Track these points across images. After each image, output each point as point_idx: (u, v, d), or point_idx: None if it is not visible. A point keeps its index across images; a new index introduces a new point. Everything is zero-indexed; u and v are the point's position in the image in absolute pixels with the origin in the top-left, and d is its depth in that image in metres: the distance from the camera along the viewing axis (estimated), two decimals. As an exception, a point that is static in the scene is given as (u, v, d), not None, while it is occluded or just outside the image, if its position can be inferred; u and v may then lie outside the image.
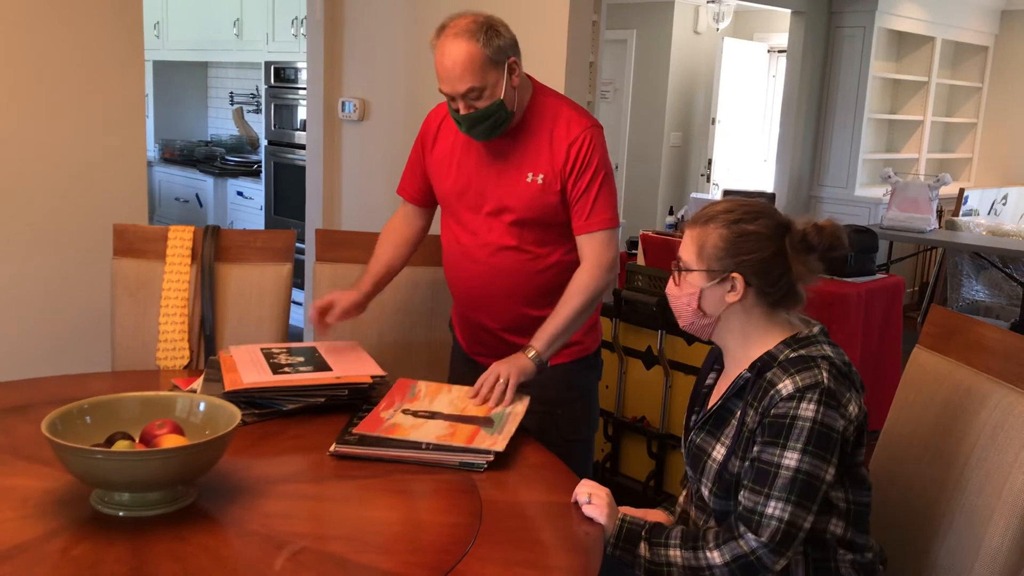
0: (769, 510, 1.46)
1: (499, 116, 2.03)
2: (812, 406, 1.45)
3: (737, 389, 1.58)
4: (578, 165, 2.08)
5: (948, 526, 1.65)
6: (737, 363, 1.61)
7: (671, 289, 1.63)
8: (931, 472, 1.72)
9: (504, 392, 1.96)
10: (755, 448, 1.50)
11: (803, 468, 1.45)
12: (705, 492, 1.61)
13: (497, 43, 1.99)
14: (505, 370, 1.98)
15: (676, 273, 1.62)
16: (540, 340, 2.05)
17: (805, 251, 1.54)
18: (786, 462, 1.45)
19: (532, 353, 2.03)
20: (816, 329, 1.58)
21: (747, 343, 1.59)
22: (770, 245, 1.53)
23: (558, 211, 2.12)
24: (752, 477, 1.49)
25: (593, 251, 2.11)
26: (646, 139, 7.73)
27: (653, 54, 7.64)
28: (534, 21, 3.42)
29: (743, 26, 8.02)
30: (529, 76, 2.14)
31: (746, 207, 1.57)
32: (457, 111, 2.03)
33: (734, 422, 1.57)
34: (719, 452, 1.58)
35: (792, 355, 1.52)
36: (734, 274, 1.54)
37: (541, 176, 2.09)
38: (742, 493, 1.50)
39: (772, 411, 1.48)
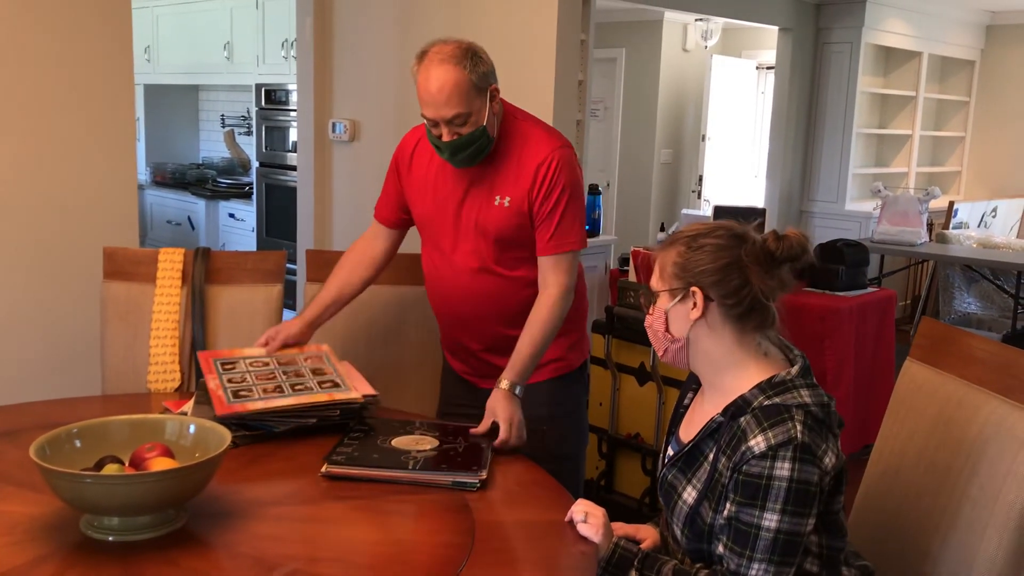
0: (753, 572, 1.42)
1: (482, 143, 2.04)
2: (787, 464, 1.40)
3: (710, 431, 1.53)
4: (544, 186, 2.07)
5: (942, 539, 1.65)
6: (713, 390, 1.57)
7: (647, 319, 1.61)
8: (924, 484, 1.72)
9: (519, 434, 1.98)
10: (730, 506, 1.45)
11: (783, 528, 1.41)
12: (676, 530, 1.58)
13: (481, 69, 1.99)
14: (516, 420, 1.97)
15: (648, 303, 1.59)
16: (513, 373, 2.03)
17: (765, 260, 1.50)
18: (766, 523, 1.41)
19: (506, 384, 2.01)
20: (795, 369, 1.51)
21: (721, 371, 1.54)
22: (725, 254, 1.50)
23: (528, 232, 2.12)
24: (732, 538, 1.45)
25: (553, 275, 2.10)
26: (637, 156, 7.76)
27: (642, 72, 7.68)
28: (522, 41, 3.43)
29: (731, 43, 8.07)
30: (502, 99, 2.14)
31: (708, 224, 1.54)
32: (439, 137, 2.03)
33: (706, 466, 1.53)
34: (689, 494, 1.54)
35: (766, 403, 1.46)
36: (693, 288, 1.51)
37: (508, 199, 2.09)
38: (723, 551, 1.47)
39: (744, 468, 1.42)
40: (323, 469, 1.76)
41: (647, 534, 1.71)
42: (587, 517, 1.58)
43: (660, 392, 3.25)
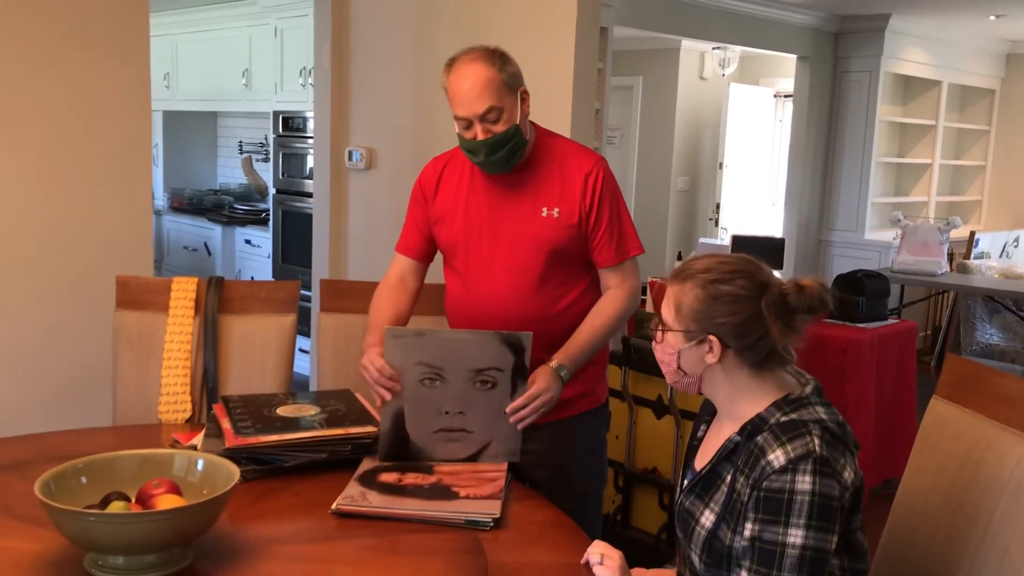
0: None
1: (516, 142, 2.03)
2: (808, 478, 1.38)
3: (727, 453, 1.51)
4: (596, 196, 2.08)
5: (972, 585, 1.59)
6: (728, 418, 1.55)
7: (655, 345, 1.59)
8: (953, 528, 1.66)
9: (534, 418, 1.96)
10: (752, 525, 1.42)
11: (809, 544, 1.38)
12: (695, 559, 1.54)
13: (511, 70, 2.03)
14: (549, 398, 1.96)
15: (657, 331, 1.57)
16: (565, 357, 2.02)
17: (785, 312, 1.48)
18: (791, 540, 1.38)
19: (556, 364, 2.00)
20: (809, 388, 1.51)
21: (735, 401, 1.53)
22: (746, 307, 1.48)
23: (578, 245, 2.10)
24: (757, 559, 1.41)
25: (622, 278, 2.12)
26: (654, 184, 7.73)
27: (659, 100, 7.67)
28: (540, 68, 3.42)
29: (749, 71, 8.06)
30: (531, 121, 2.14)
31: (726, 266, 1.52)
32: (473, 139, 2.01)
33: (724, 488, 1.50)
34: (708, 519, 1.51)
35: (783, 419, 1.45)
36: (710, 336, 1.49)
37: (557, 210, 2.08)
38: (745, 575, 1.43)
39: (765, 484, 1.40)
40: (334, 506, 1.72)
41: (666, 577, 1.66)
42: (603, 559, 1.54)
43: (678, 425, 3.19)
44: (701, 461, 1.60)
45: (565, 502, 1.88)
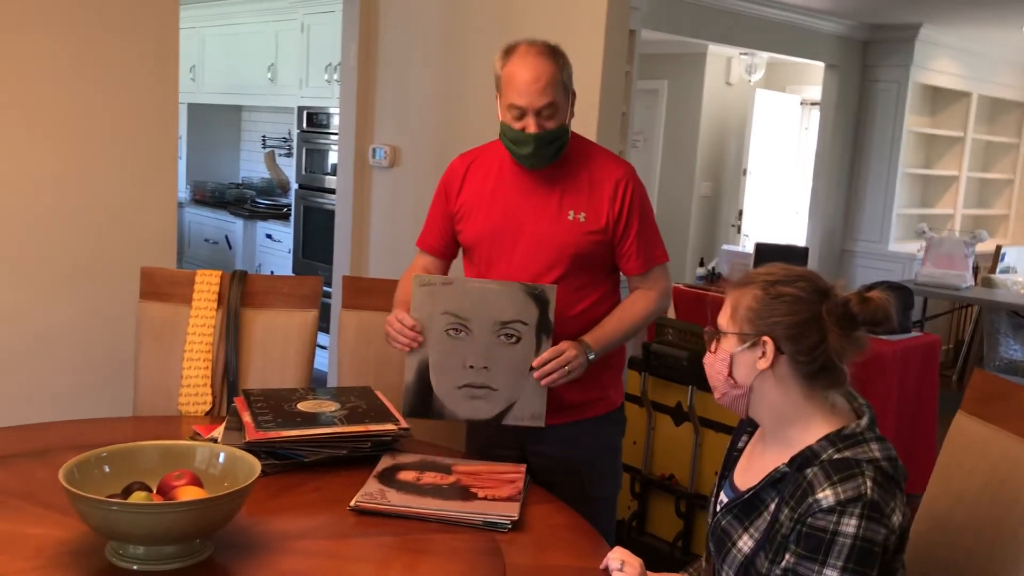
0: None
1: (562, 141, 2.06)
2: (854, 521, 1.34)
3: (773, 481, 1.48)
4: (626, 203, 2.09)
5: (995, 604, 1.57)
6: (775, 441, 1.51)
7: (707, 357, 1.56)
8: (976, 546, 1.64)
9: (559, 377, 1.98)
10: (790, 557, 1.39)
11: None
12: None
13: (568, 70, 2.05)
14: (576, 364, 1.98)
15: (712, 340, 1.54)
16: (593, 340, 2.04)
17: (845, 321, 1.44)
18: None
19: (585, 346, 2.02)
20: (864, 421, 1.46)
21: (785, 423, 1.49)
22: (805, 309, 1.44)
23: (601, 251, 2.10)
24: None
25: (653, 282, 2.15)
26: (676, 189, 7.70)
27: (685, 104, 7.64)
28: (567, 71, 3.41)
29: (776, 78, 8.01)
30: None
31: (788, 271, 1.49)
32: (522, 130, 2.01)
33: (766, 515, 1.47)
34: (745, 543, 1.48)
35: (836, 456, 1.41)
36: (764, 337, 1.45)
37: (583, 214, 2.08)
38: None
39: (810, 520, 1.37)
40: (352, 503, 1.72)
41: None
42: (624, 566, 1.52)
43: (697, 433, 3.18)
44: (742, 479, 1.57)
45: (578, 505, 1.87)
